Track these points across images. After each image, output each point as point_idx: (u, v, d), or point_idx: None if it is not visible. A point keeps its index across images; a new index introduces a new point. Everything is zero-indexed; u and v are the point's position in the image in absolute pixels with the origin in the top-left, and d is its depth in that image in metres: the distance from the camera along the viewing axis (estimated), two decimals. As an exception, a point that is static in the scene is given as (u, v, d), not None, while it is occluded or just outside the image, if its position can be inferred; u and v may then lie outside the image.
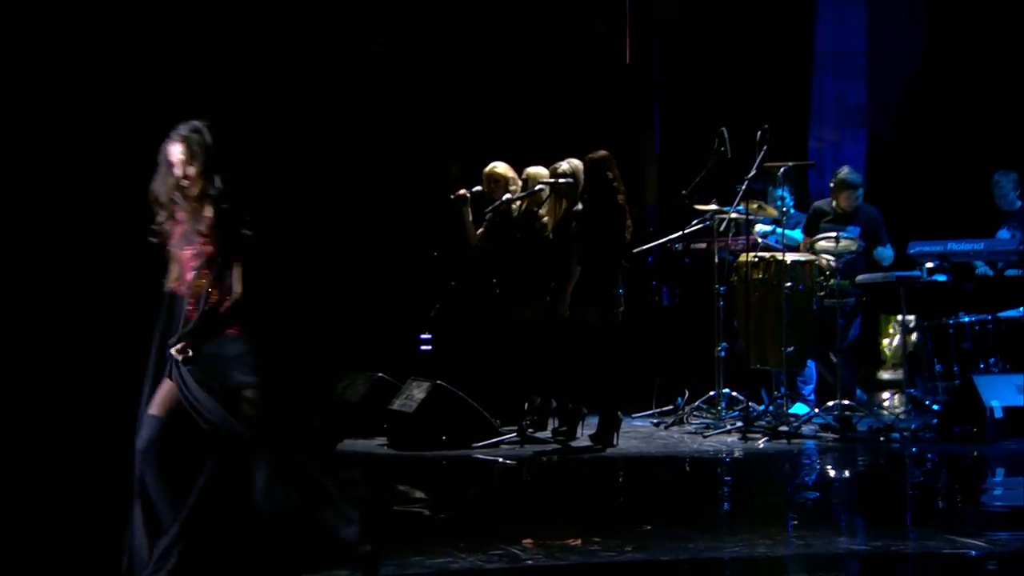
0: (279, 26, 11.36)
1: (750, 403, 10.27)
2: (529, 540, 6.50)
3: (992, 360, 9.97)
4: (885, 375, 12.32)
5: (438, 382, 9.57)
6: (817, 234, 10.39)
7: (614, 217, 9.52)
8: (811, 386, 10.81)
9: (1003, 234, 10.73)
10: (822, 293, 10.21)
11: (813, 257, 10.30)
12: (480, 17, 12.14)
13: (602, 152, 9.64)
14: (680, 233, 10.59)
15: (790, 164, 10.66)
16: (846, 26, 13.37)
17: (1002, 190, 10.78)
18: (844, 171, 10.59)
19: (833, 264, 10.16)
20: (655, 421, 10.68)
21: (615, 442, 9.55)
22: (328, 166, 11.25)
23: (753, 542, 6.57)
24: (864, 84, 13.31)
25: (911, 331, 11.45)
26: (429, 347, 10.61)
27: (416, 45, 11.89)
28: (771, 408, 10.26)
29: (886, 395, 11.40)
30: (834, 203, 10.62)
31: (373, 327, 10.93)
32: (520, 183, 10.15)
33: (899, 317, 11.97)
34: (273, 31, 11.30)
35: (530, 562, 6.14)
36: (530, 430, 9.78)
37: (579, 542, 6.49)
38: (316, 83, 11.20)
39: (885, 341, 12.43)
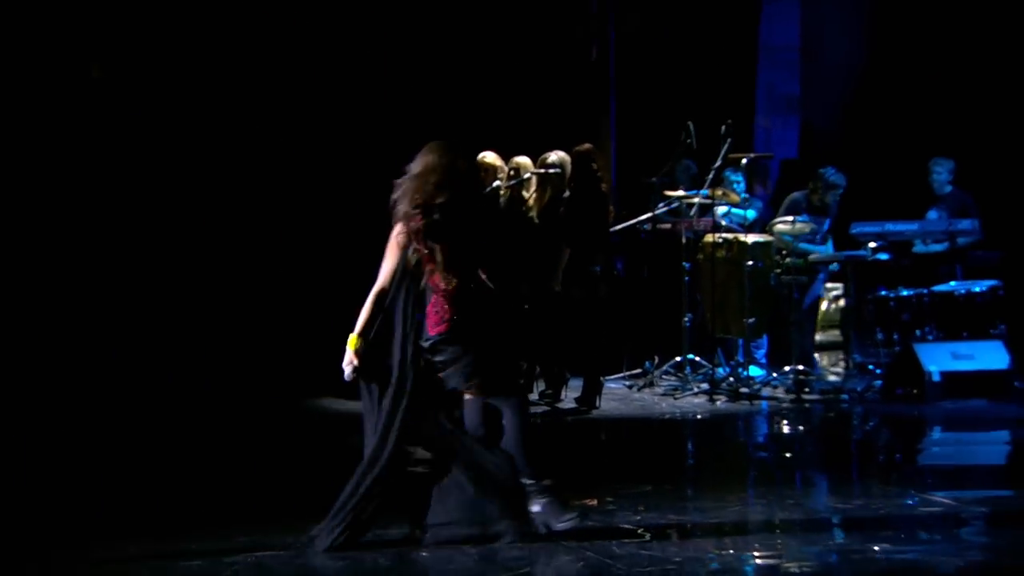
0: (278, 27, 11.37)
1: (713, 367, 10.48)
2: (551, 501, 6.60)
3: (927, 329, 10.21)
4: (818, 337, 12.58)
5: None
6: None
7: (598, 204, 9.67)
8: (763, 351, 11.04)
9: (931, 215, 10.95)
10: (779, 270, 10.43)
11: (771, 238, 10.51)
12: (471, 25, 12.23)
13: (587, 145, 9.78)
14: (650, 215, 10.72)
15: (752, 156, 10.84)
16: (781, 22, 13.54)
17: (938, 173, 10.95)
18: (830, 172, 10.64)
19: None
20: (628, 384, 10.85)
21: (598, 404, 9.74)
22: (330, 164, 11.30)
23: (747, 501, 6.77)
24: (796, 75, 13.48)
25: (839, 298, 11.73)
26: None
27: (409, 49, 11.93)
28: (729, 371, 10.47)
29: (818, 357, 11.65)
30: (812, 197, 10.70)
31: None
32: (507, 172, 10.23)
33: (828, 284, 12.26)
34: (272, 32, 11.31)
35: (559, 523, 6.23)
36: (520, 393, 9.91)
37: (595, 502, 6.57)
38: (317, 84, 11.24)
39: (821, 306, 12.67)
